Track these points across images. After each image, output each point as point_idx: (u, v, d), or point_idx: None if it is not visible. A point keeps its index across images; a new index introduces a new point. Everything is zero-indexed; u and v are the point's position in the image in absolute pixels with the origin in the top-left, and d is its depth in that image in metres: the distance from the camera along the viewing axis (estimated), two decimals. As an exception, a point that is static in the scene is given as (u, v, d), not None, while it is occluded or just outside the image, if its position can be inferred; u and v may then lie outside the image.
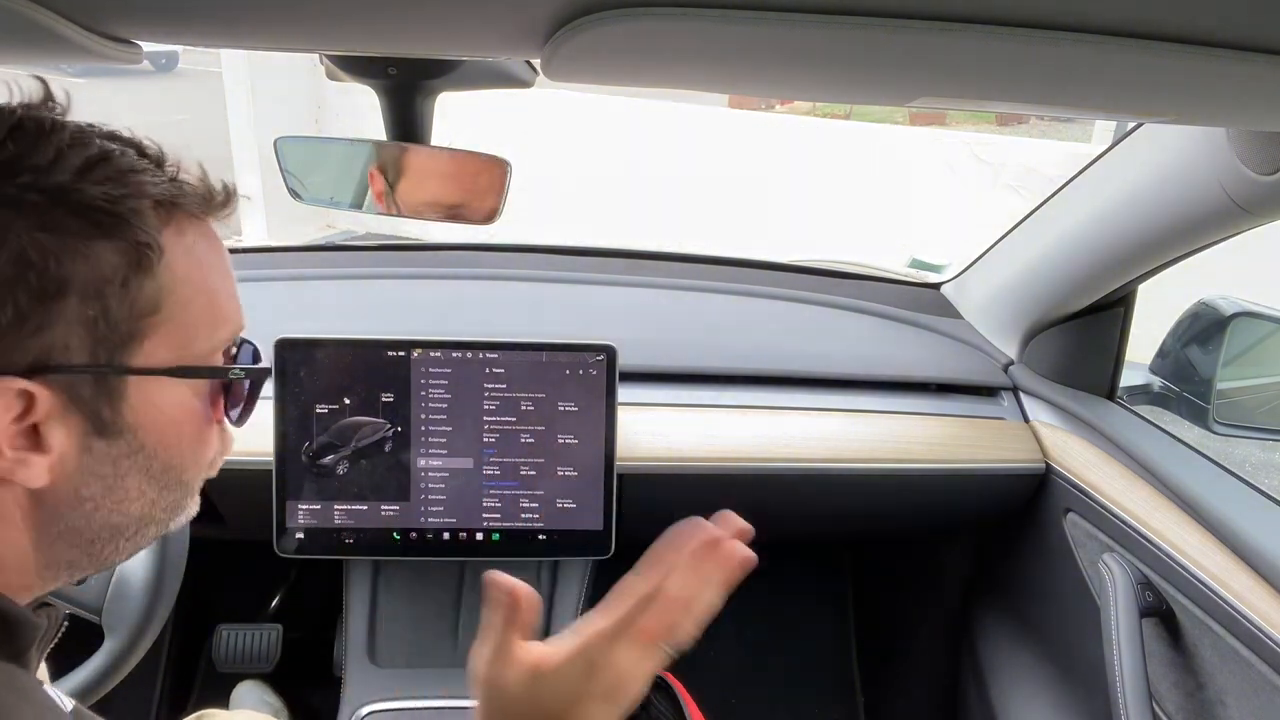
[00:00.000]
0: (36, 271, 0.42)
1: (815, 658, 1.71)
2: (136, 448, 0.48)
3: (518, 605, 0.53)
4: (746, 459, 1.16)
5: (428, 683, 1.13)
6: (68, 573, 0.50)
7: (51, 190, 0.43)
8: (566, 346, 1.08)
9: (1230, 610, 0.89)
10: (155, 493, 0.50)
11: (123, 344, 0.46)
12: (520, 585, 0.52)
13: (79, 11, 0.43)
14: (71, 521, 0.47)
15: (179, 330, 0.48)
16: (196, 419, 0.51)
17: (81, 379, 0.45)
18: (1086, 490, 1.12)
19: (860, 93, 0.56)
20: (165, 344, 0.47)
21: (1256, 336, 1.17)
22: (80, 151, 0.44)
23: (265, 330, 1.07)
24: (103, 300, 0.44)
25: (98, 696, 0.85)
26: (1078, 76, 0.44)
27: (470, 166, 0.77)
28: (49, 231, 0.42)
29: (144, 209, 0.46)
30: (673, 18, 0.38)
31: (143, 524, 0.51)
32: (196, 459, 0.52)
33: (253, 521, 1.09)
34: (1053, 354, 1.24)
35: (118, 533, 0.50)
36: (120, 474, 0.48)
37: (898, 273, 1.62)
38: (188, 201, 0.48)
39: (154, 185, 0.46)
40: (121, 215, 0.44)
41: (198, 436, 0.52)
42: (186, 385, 0.50)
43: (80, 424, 0.45)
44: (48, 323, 0.43)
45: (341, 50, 0.67)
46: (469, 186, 0.78)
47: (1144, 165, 0.96)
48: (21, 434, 0.44)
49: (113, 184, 0.45)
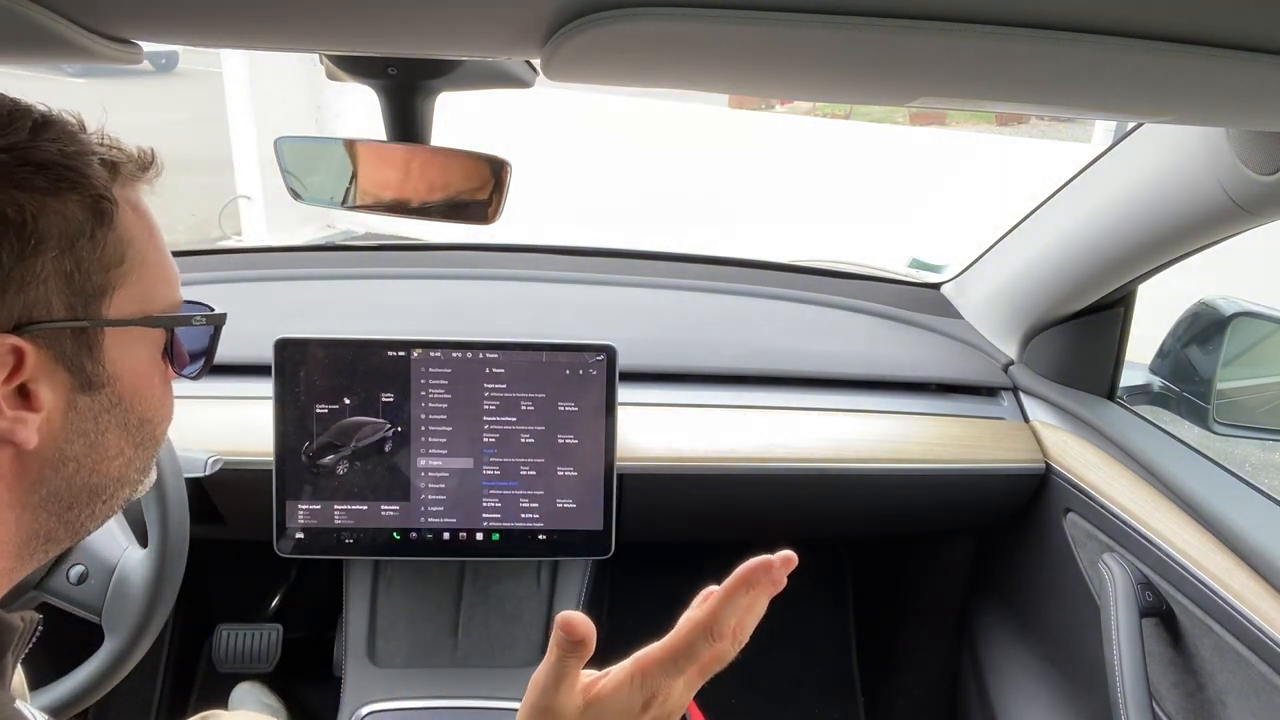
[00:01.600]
0: (15, 228, 0.43)
1: (815, 658, 1.71)
2: (115, 400, 0.49)
3: (581, 639, 0.52)
4: (746, 459, 1.16)
5: (428, 683, 1.14)
6: (44, 549, 0.50)
7: (13, 149, 0.44)
8: (566, 346, 1.08)
9: (1230, 610, 0.89)
10: (132, 450, 0.52)
11: (96, 296, 0.47)
12: (584, 620, 0.52)
13: (79, 11, 0.43)
14: (53, 486, 0.48)
15: (142, 283, 0.50)
16: (163, 372, 0.54)
17: (63, 333, 0.46)
18: (1086, 490, 1.12)
19: (860, 93, 0.56)
20: (130, 296, 0.49)
21: (1256, 336, 1.17)
22: (26, 115, 0.46)
23: (265, 330, 1.08)
24: (75, 253, 0.45)
25: (98, 696, 0.85)
26: (1078, 76, 0.44)
27: (470, 166, 0.77)
28: (21, 189, 0.43)
29: (94, 164, 0.47)
30: (673, 18, 0.38)
31: (119, 485, 0.52)
32: (165, 413, 0.55)
33: (253, 521, 1.09)
34: (1053, 354, 1.24)
35: (95, 495, 0.51)
36: (101, 429, 0.49)
37: (898, 273, 1.62)
38: (124, 163, 0.50)
39: (96, 144, 0.48)
40: (79, 169, 0.46)
41: (165, 389, 0.54)
42: (152, 339, 0.52)
43: (65, 380, 0.46)
44: (30, 278, 0.44)
45: (341, 50, 0.67)
46: (469, 186, 0.78)
47: (1144, 165, 0.96)
48: (14, 393, 0.45)
49: (64, 141, 0.46)
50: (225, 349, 0.59)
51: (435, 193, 0.78)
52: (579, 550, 1.12)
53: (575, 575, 1.21)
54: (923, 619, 1.57)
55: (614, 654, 0.57)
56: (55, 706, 0.83)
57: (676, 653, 0.53)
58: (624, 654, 0.56)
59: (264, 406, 1.07)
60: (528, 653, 1.18)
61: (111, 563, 0.86)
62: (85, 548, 0.87)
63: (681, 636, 0.54)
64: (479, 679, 1.15)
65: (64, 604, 0.86)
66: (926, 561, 1.55)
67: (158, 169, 0.53)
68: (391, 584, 1.20)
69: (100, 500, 0.51)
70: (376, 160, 0.78)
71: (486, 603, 1.20)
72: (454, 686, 1.13)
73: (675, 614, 0.59)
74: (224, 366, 1.16)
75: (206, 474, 1.01)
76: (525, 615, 1.20)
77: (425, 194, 0.78)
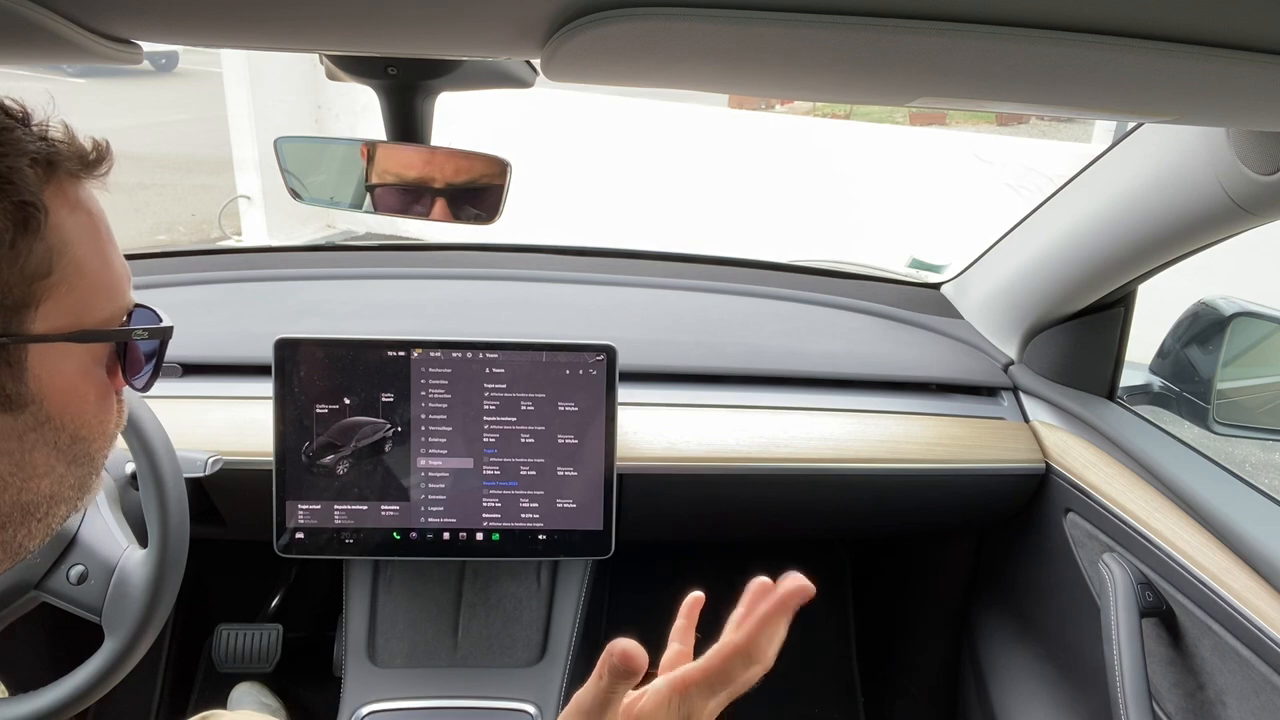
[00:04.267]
0: None
1: (815, 658, 1.71)
2: (43, 419, 0.46)
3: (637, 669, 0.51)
4: (747, 459, 1.16)
5: (428, 683, 1.14)
6: None
7: None
8: (566, 346, 1.08)
9: (1230, 610, 0.89)
10: (64, 467, 0.49)
11: (17, 310, 0.44)
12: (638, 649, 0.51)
13: (79, 11, 0.42)
14: None
15: (75, 294, 0.46)
16: (100, 386, 0.50)
17: None
18: (1087, 490, 1.12)
19: (860, 93, 0.56)
20: (62, 308, 0.45)
21: (1256, 336, 1.17)
22: None
23: (265, 330, 1.08)
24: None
25: (98, 696, 0.85)
26: (1078, 76, 0.44)
27: (470, 166, 0.77)
28: None
29: (22, 167, 0.43)
30: (673, 18, 0.38)
31: (53, 502, 0.49)
32: (103, 429, 0.51)
33: (253, 521, 1.09)
34: (1053, 354, 1.24)
35: (28, 514, 0.48)
36: (27, 448, 0.46)
37: (898, 273, 1.62)
38: (64, 160, 0.46)
39: (29, 143, 0.44)
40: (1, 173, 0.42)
41: (102, 405, 0.50)
42: (88, 352, 0.48)
43: None
44: None
45: (341, 50, 0.67)
46: (469, 186, 0.78)
47: (1144, 165, 0.96)
48: None
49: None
50: (225, 349, 0.58)
51: (435, 192, 0.79)
52: (579, 550, 1.12)
53: (575, 575, 1.21)
54: (923, 619, 1.57)
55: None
56: (55, 706, 0.83)
57: (714, 675, 0.53)
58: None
59: (264, 406, 1.07)
60: (528, 653, 1.18)
61: (111, 563, 0.86)
62: (85, 547, 0.87)
63: (722, 659, 0.54)
64: (479, 679, 1.15)
65: (64, 604, 0.86)
66: (926, 561, 1.55)
67: (108, 163, 0.49)
68: (391, 584, 1.20)
69: (35, 519, 0.49)
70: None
71: (486, 603, 1.20)
72: (454, 686, 1.13)
73: (675, 614, 0.59)
74: (224, 366, 1.16)
75: (206, 474, 1.01)
76: (525, 615, 1.20)
77: (425, 194, 0.78)
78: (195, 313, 1.25)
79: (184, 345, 1.13)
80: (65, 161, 0.46)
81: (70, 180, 0.47)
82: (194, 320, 1.23)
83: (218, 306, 1.29)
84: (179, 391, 1.13)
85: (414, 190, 0.78)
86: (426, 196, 0.79)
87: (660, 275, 1.46)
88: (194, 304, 1.29)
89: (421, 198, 0.79)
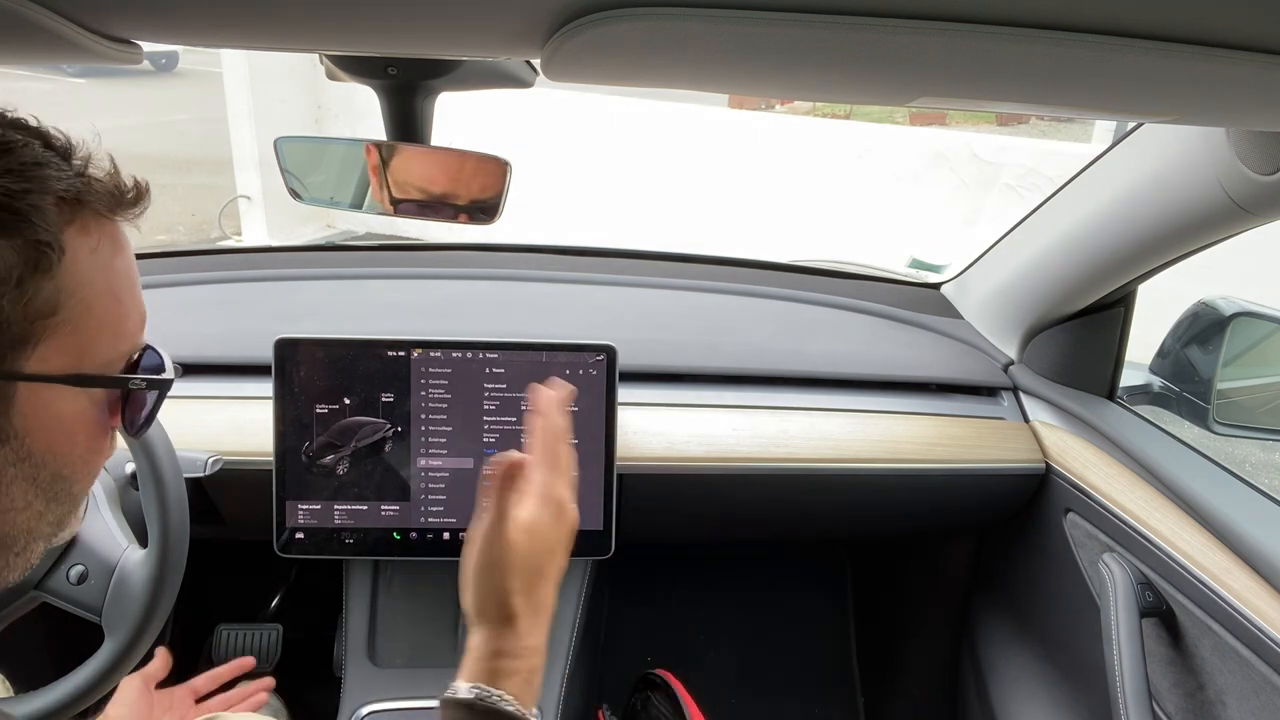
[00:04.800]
0: None
1: (815, 658, 1.71)
2: (24, 455, 0.45)
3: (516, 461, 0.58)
4: (747, 459, 1.16)
5: (428, 683, 1.13)
6: None
7: None
8: (566, 346, 1.08)
9: (1230, 610, 0.89)
10: (42, 504, 0.47)
11: (14, 347, 0.43)
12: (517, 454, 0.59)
13: (79, 11, 0.42)
14: None
15: (79, 335, 0.45)
16: (92, 428, 0.48)
17: None
18: (1086, 490, 1.12)
19: (860, 93, 0.56)
20: (63, 349, 0.45)
21: (1256, 336, 1.17)
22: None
23: (265, 330, 1.08)
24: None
25: (98, 696, 0.85)
26: (1078, 76, 0.44)
27: (470, 166, 0.77)
28: None
29: (45, 205, 0.43)
30: (673, 18, 0.38)
31: (30, 537, 0.48)
32: (88, 469, 0.50)
33: (253, 521, 1.09)
34: (1053, 354, 1.24)
35: (5, 547, 0.47)
36: (6, 482, 0.45)
37: (898, 273, 1.62)
38: (94, 199, 0.46)
39: (58, 180, 0.44)
40: (20, 212, 0.42)
41: (91, 446, 0.49)
42: (84, 394, 0.47)
43: None
44: None
45: (341, 50, 0.67)
46: (469, 186, 0.78)
47: (1144, 165, 0.96)
48: None
49: (12, 177, 0.42)
50: (225, 349, 0.58)
51: (435, 193, 0.79)
52: (579, 550, 1.11)
53: (575, 575, 1.21)
54: (923, 619, 1.57)
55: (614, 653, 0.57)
56: (55, 706, 0.83)
57: (551, 461, 0.63)
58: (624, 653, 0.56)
59: (264, 406, 1.07)
60: (528, 653, 1.18)
61: (111, 563, 0.86)
62: (85, 547, 0.87)
63: (545, 447, 0.63)
64: (479, 679, 1.15)
65: (64, 604, 0.86)
66: (926, 561, 1.55)
67: (144, 204, 0.48)
68: (391, 584, 1.20)
69: (12, 552, 0.47)
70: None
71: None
72: (454, 686, 1.13)
73: (675, 614, 0.59)
74: (224, 366, 1.16)
75: (206, 474, 1.01)
76: (525, 615, 1.20)
77: (425, 194, 0.78)
78: (195, 313, 1.25)
79: (184, 345, 1.13)
80: (94, 200, 0.46)
81: (96, 219, 0.46)
82: (194, 320, 1.23)
83: (217, 306, 1.29)
84: (179, 391, 1.12)
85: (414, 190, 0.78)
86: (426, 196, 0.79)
87: (660, 275, 1.46)
88: (194, 304, 1.29)
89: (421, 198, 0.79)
